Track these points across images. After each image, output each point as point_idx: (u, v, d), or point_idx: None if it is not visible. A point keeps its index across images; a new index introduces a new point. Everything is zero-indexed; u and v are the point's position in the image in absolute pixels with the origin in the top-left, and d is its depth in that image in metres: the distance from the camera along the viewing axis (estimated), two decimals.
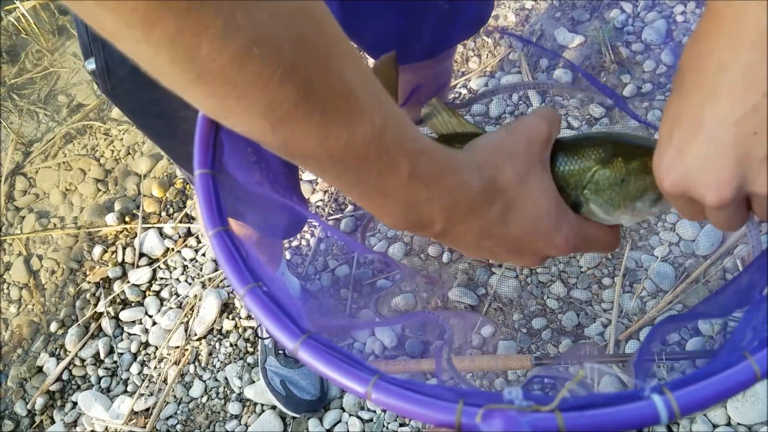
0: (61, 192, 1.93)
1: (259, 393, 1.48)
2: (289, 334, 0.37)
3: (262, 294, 0.39)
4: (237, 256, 0.41)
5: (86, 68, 0.74)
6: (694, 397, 0.31)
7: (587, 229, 0.49)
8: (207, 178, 0.44)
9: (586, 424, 0.31)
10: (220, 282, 1.68)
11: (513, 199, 0.44)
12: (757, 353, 0.32)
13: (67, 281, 1.77)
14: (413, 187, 0.40)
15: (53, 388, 1.62)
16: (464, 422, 0.31)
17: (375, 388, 0.33)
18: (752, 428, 1.21)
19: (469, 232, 0.44)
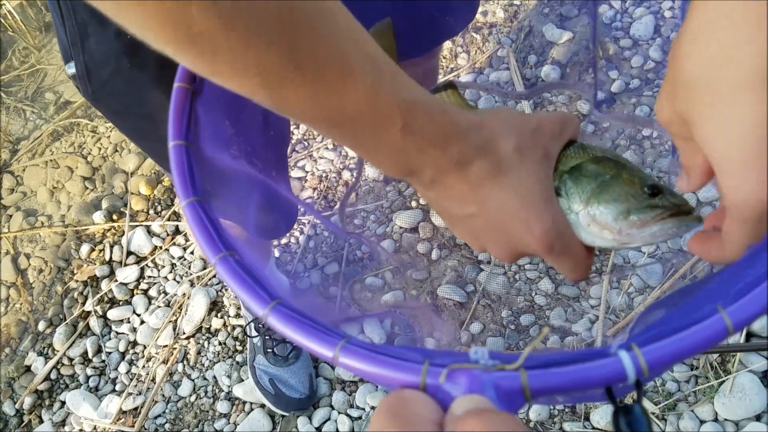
0: (48, 190, 1.92)
1: (248, 391, 1.48)
2: (259, 301, 0.37)
3: (234, 263, 0.39)
4: (209, 226, 0.41)
5: (66, 72, 0.74)
6: (663, 353, 0.30)
7: (570, 235, 0.48)
8: (181, 149, 0.44)
9: (550, 381, 0.30)
10: (209, 280, 1.67)
11: (506, 167, 0.44)
12: (730, 306, 0.30)
13: (55, 280, 1.76)
14: (406, 139, 0.41)
15: (41, 388, 1.61)
16: (429, 383, 0.30)
17: (342, 352, 0.33)
18: (739, 424, 1.22)
19: (456, 187, 0.44)
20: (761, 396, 1.20)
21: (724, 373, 1.24)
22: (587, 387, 0.30)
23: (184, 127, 0.45)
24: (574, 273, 0.49)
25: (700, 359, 1.28)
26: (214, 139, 0.48)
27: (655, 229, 0.45)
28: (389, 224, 1.64)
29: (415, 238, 1.61)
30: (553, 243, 0.46)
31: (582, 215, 0.46)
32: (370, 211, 1.68)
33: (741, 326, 0.30)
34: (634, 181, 0.46)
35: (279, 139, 0.78)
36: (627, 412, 0.30)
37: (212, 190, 0.45)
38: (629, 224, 0.45)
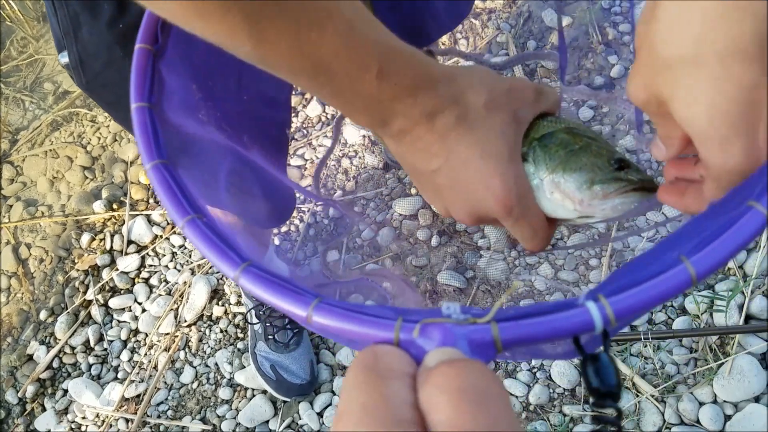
0: (48, 180, 1.92)
1: (250, 378, 1.48)
2: (230, 263, 0.37)
3: (202, 225, 0.39)
4: (176, 189, 0.41)
5: (60, 62, 0.74)
6: (629, 303, 0.30)
7: (531, 201, 0.47)
8: (144, 111, 0.44)
9: (521, 333, 0.30)
10: (209, 269, 1.67)
11: (473, 121, 0.44)
12: (693, 256, 0.31)
13: (56, 269, 1.77)
14: (382, 86, 0.41)
15: (44, 376, 1.62)
16: (402, 338, 0.31)
17: (316, 311, 0.33)
18: (738, 405, 1.22)
19: (424, 140, 0.45)
20: (760, 378, 1.20)
21: (723, 356, 1.25)
22: (556, 337, 0.30)
23: (147, 90, 0.45)
24: (532, 242, 0.49)
25: (699, 342, 1.28)
26: (181, 104, 0.48)
27: (617, 202, 0.45)
28: (389, 211, 1.64)
29: (414, 225, 1.61)
30: (513, 205, 0.46)
31: (546, 182, 0.47)
32: (369, 198, 1.68)
33: (704, 276, 0.31)
34: (601, 153, 0.47)
35: (259, 106, 0.76)
36: (594, 360, 0.31)
37: (177, 155, 0.45)
38: (591, 194, 0.45)
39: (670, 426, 1.24)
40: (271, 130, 0.83)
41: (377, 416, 0.26)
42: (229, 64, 0.52)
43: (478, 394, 0.26)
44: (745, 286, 1.28)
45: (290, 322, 1.45)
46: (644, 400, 1.27)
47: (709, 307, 1.30)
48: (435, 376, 0.27)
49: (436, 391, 0.27)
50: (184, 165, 0.76)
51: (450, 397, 0.26)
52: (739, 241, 0.31)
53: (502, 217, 0.46)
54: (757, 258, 1.31)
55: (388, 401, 0.27)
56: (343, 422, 0.27)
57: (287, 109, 0.83)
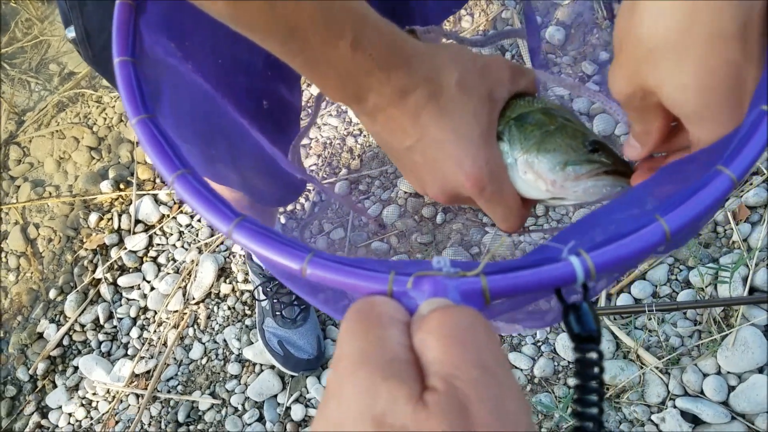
0: (55, 161, 1.93)
1: (258, 353, 1.50)
2: (223, 218, 0.37)
3: (193, 180, 0.38)
4: (164, 143, 0.40)
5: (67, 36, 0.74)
6: (609, 257, 0.32)
7: (504, 180, 0.48)
8: (127, 65, 0.43)
9: (508, 284, 0.32)
10: (216, 247, 1.69)
11: (446, 99, 0.45)
12: (667, 214, 0.33)
13: (65, 249, 1.78)
14: (356, 57, 0.41)
15: (54, 354, 1.64)
16: (396, 290, 0.32)
17: (310, 264, 0.34)
18: (742, 376, 1.23)
19: (397, 119, 0.45)
20: (764, 349, 1.21)
21: (727, 328, 1.26)
22: (541, 288, 0.32)
23: (130, 44, 0.44)
24: (506, 222, 0.49)
25: (703, 314, 1.29)
26: (160, 60, 0.47)
27: (589, 185, 0.45)
28: (393, 189, 1.65)
29: (419, 203, 1.62)
30: (485, 184, 0.46)
31: (520, 162, 0.47)
32: (374, 176, 1.69)
33: (676, 232, 0.33)
34: (576, 135, 0.47)
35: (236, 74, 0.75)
36: (576, 309, 0.33)
37: (162, 110, 0.45)
38: (564, 176, 0.45)
39: (674, 397, 1.25)
40: (247, 99, 0.80)
41: (374, 357, 0.27)
42: (207, 26, 0.52)
43: (467, 335, 0.27)
44: (749, 259, 1.29)
45: (297, 298, 1.47)
46: (648, 372, 1.28)
47: (714, 279, 1.31)
48: (428, 321, 0.29)
49: (429, 335, 0.28)
50: (186, 139, 0.76)
51: (441, 338, 0.27)
52: (707, 202, 0.34)
53: (475, 196, 0.47)
54: (761, 231, 1.32)
55: (384, 343, 0.28)
56: (342, 365, 0.28)
57: (268, 79, 0.81)
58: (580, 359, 0.32)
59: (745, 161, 0.35)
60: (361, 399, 0.26)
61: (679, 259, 1.38)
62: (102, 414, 1.54)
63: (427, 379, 0.27)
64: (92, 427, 1.54)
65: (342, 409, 0.26)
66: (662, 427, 1.23)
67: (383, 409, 0.25)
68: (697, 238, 1.37)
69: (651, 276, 1.37)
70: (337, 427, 0.26)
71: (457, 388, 0.25)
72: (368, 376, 0.27)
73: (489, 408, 0.25)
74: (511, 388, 0.27)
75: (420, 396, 0.26)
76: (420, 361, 0.28)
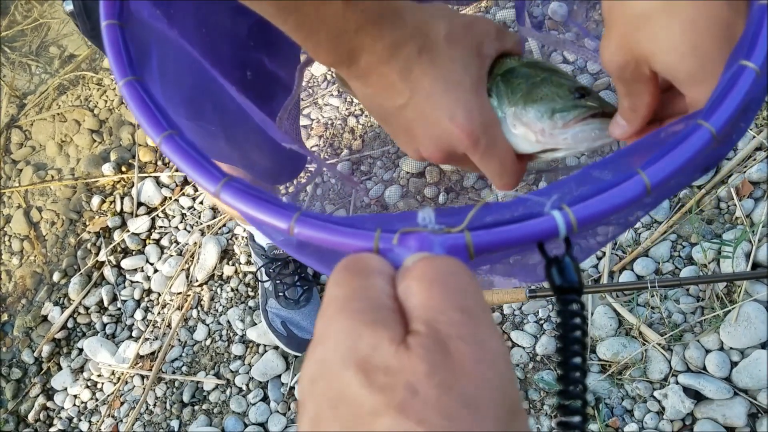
0: (57, 144, 1.93)
1: (261, 334, 1.51)
2: (210, 178, 0.37)
3: (180, 140, 0.38)
4: (151, 105, 0.40)
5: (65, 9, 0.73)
6: (590, 211, 0.33)
7: (498, 133, 0.48)
8: (114, 28, 0.43)
9: (491, 240, 0.33)
10: (219, 229, 1.69)
11: (436, 53, 0.45)
12: (648, 168, 0.34)
13: (68, 232, 1.79)
14: (348, 13, 0.41)
15: (59, 336, 1.65)
16: (382, 246, 0.33)
17: (298, 223, 0.34)
18: (744, 352, 1.24)
19: (389, 76, 0.45)
20: (766, 324, 1.21)
21: (730, 303, 1.26)
22: (524, 242, 0.33)
23: (117, 8, 0.44)
24: (501, 178, 0.49)
25: (705, 290, 1.29)
26: (147, 25, 0.47)
27: (577, 130, 0.46)
28: (396, 170, 1.65)
29: (422, 183, 1.62)
30: (478, 135, 0.46)
31: (509, 115, 0.47)
32: (376, 157, 1.69)
33: (657, 186, 0.33)
34: (562, 84, 0.47)
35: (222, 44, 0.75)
36: (558, 262, 0.33)
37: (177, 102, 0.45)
38: (552, 124, 0.46)
39: (676, 373, 1.25)
40: (232, 68, 0.78)
41: (358, 303, 0.28)
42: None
43: (449, 280, 0.28)
44: (752, 234, 1.29)
45: (300, 279, 1.47)
46: (651, 348, 1.28)
47: (717, 255, 1.31)
48: (413, 269, 0.30)
49: (413, 281, 0.29)
50: (187, 116, 0.76)
51: (424, 284, 0.28)
52: (687, 155, 0.34)
53: (469, 148, 0.47)
54: (764, 206, 1.32)
55: (368, 291, 0.29)
56: (327, 312, 0.29)
57: (251, 49, 0.80)
58: (562, 310, 0.33)
59: (724, 114, 0.35)
60: (344, 342, 0.27)
61: (681, 236, 1.38)
62: (107, 395, 1.55)
63: (410, 323, 0.28)
64: (98, 408, 1.55)
65: (327, 353, 0.27)
66: (664, 403, 1.24)
67: (366, 351, 0.26)
68: (700, 215, 1.37)
69: (654, 253, 1.37)
70: (323, 368, 0.27)
71: (438, 330, 0.26)
72: (352, 321, 0.27)
73: (469, 348, 0.26)
74: (490, 330, 0.27)
75: (403, 339, 0.26)
76: (403, 307, 0.29)
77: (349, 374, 0.25)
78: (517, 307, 1.40)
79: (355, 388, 0.25)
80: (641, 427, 1.24)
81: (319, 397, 0.26)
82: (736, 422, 1.18)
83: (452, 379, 0.25)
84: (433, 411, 0.24)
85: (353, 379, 0.25)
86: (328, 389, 0.26)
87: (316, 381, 0.27)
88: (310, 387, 0.27)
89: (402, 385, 0.24)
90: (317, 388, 0.26)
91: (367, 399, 0.25)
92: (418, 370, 0.25)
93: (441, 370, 0.25)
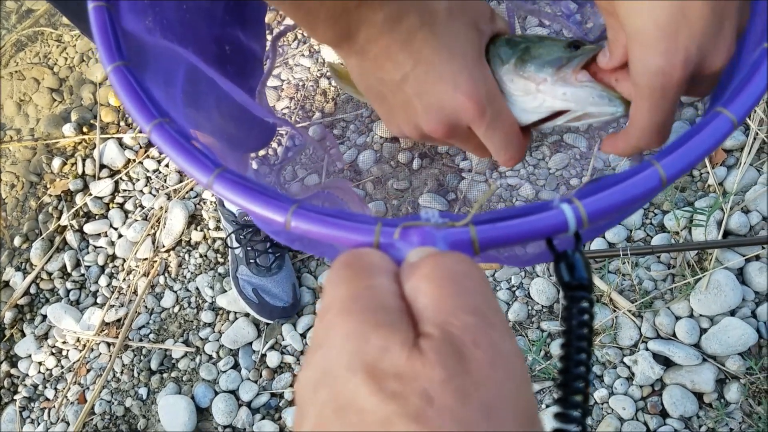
0: (15, 103, 1.85)
1: (232, 301, 1.48)
2: (203, 169, 0.35)
3: (171, 129, 0.37)
4: (140, 91, 0.39)
5: None
6: (603, 204, 0.32)
7: (501, 103, 0.47)
8: (102, 10, 0.42)
9: (497, 235, 0.31)
10: (186, 193, 1.65)
11: (437, 23, 0.43)
12: (664, 159, 0.32)
13: (28, 195, 1.73)
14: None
15: (21, 302, 1.60)
16: (382, 241, 0.31)
17: (294, 216, 0.33)
18: (714, 319, 1.25)
19: (390, 48, 0.43)
20: (736, 292, 1.23)
21: (701, 271, 1.27)
22: (531, 238, 0.32)
23: None
24: (507, 151, 0.48)
25: (677, 258, 1.30)
26: (131, 8, 0.45)
27: (578, 88, 0.45)
28: (369, 134, 1.62)
29: (395, 148, 1.59)
30: (484, 104, 0.45)
31: (504, 72, 0.47)
32: (349, 120, 1.65)
33: (673, 178, 0.32)
34: (557, 41, 0.47)
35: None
36: (567, 258, 0.32)
37: (141, 65, 0.43)
38: (553, 72, 0.46)
39: (646, 340, 1.27)
40: (210, 43, 0.78)
41: (363, 304, 0.26)
42: None
43: (461, 281, 0.27)
44: (724, 203, 1.30)
45: (272, 246, 1.44)
46: (621, 315, 1.29)
47: (689, 223, 1.31)
48: (420, 267, 0.28)
49: (421, 281, 0.27)
50: (153, 80, 0.73)
51: (435, 284, 0.27)
52: (706, 146, 0.33)
53: (475, 119, 0.45)
54: (737, 175, 1.32)
55: (373, 291, 0.27)
56: (329, 315, 0.27)
57: (227, 24, 0.79)
58: (569, 307, 0.32)
59: (746, 103, 0.34)
60: (351, 346, 0.25)
61: (654, 203, 1.38)
62: (73, 363, 1.52)
63: (421, 325, 0.26)
64: (63, 375, 1.52)
65: (330, 358, 0.25)
66: (634, 369, 1.25)
67: (375, 355, 0.24)
68: (677, 188, 1.37)
69: (626, 220, 1.37)
70: (326, 375, 0.25)
71: (452, 333, 0.25)
72: (358, 323, 0.25)
73: (484, 353, 0.24)
74: (504, 333, 0.26)
75: (414, 343, 0.25)
76: (412, 308, 0.27)
77: (356, 380, 0.24)
78: (490, 274, 1.40)
79: (363, 396, 0.23)
80: (611, 393, 1.25)
81: (323, 405, 0.24)
82: (705, 388, 1.20)
83: (470, 386, 0.23)
84: (451, 420, 0.22)
85: (361, 385, 0.23)
86: (332, 397, 0.24)
87: (318, 388, 0.25)
88: (311, 394, 0.25)
89: (416, 393, 0.23)
90: (320, 396, 0.24)
91: (378, 407, 0.23)
92: (433, 377, 0.23)
93: (458, 377, 0.23)
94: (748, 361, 1.21)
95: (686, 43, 0.36)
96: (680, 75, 0.37)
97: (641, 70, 0.38)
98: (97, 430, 1.43)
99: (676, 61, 0.36)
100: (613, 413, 1.24)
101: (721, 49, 0.37)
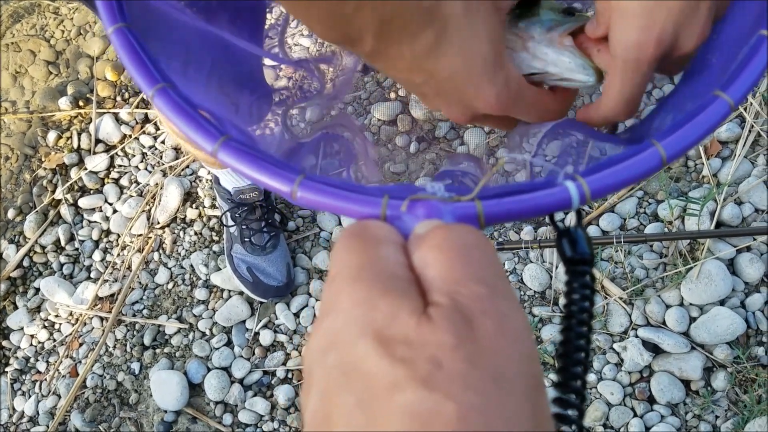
0: (11, 75, 1.83)
1: (226, 279, 1.48)
2: (207, 136, 0.35)
3: (174, 94, 0.36)
4: (143, 55, 0.38)
5: None
6: (604, 182, 0.32)
7: (526, 91, 0.45)
8: None
9: (503, 210, 0.32)
10: (182, 170, 1.64)
11: (451, 32, 0.40)
12: (664, 139, 0.33)
13: (23, 167, 1.72)
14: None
15: (14, 275, 1.60)
16: (389, 214, 0.32)
17: (301, 187, 0.33)
18: (704, 308, 1.27)
19: (401, 59, 0.41)
20: (727, 282, 1.24)
21: (693, 261, 1.28)
22: (536, 213, 0.32)
23: None
24: (548, 114, 0.48)
25: (669, 247, 1.32)
26: None
27: (561, 53, 0.45)
28: (367, 116, 1.62)
29: (393, 131, 1.59)
30: (507, 103, 0.44)
31: (520, 29, 0.47)
32: (347, 102, 1.65)
33: (673, 158, 0.33)
34: (554, 6, 0.48)
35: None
36: (569, 234, 0.33)
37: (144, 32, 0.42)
38: (541, 32, 0.46)
39: (636, 327, 1.28)
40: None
41: (371, 272, 0.27)
42: None
43: (470, 251, 0.27)
44: (718, 193, 1.31)
45: (267, 225, 1.44)
46: (612, 302, 1.31)
47: (683, 212, 1.33)
48: (429, 238, 0.28)
49: (430, 251, 0.28)
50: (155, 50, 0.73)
51: (444, 255, 0.27)
52: (705, 127, 0.34)
53: (500, 113, 0.45)
54: (731, 166, 1.33)
55: (382, 260, 0.27)
56: (337, 282, 0.27)
57: None
58: (571, 281, 0.32)
59: (743, 86, 0.35)
60: (359, 313, 0.25)
61: (648, 193, 1.39)
62: (65, 336, 1.52)
63: (429, 295, 0.26)
64: (55, 348, 1.52)
65: (339, 324, 0.25)
66: (623, 355, 1.27)
67: (384, 321, 0.24)
68: (667, 172, 1.38)
69: (620, 209, 1.38)
70: (335, 341, 0.25)
71: (461, 302, 0.25)
72: (367, 290, 0.26)
73: (493, 322, 0.25)
74: (513, 304, 0.26)
75: (423, 311, 0.25)
76: (420, 278, 0.27)
77: (365, 345, 0.24)
78: None
79: (372, 360, 0.23)
80: (600, 378, 1.27)
81: (331, 370, 0.24)
82: (692, 375, 1.22)
83: (479, 352, 0.23)
84: (460, 385, 0.22)
85: (370, 350, 0.24)
86: (340, 361, 0.24)
87: (326, 353, 0.25)
88: (320, 359, 0.25)
89: (425, 358, 0.23)
90: (328, 360, 0.25)
91: (386, 372, 0.23)
92: (442, 343, 0.23)
93: (467, 344, 0.23)
94: (735, 350, 1.22)
95: (663, 21, 0.37)
96: (653, 51, 0.38)
97: (618, 42, 0.39)
98: (89, 403, 1.44)
99: (651, 37, 0.38)
100: (602, 398, 1.25)
101: (695, 29, 0.38)
